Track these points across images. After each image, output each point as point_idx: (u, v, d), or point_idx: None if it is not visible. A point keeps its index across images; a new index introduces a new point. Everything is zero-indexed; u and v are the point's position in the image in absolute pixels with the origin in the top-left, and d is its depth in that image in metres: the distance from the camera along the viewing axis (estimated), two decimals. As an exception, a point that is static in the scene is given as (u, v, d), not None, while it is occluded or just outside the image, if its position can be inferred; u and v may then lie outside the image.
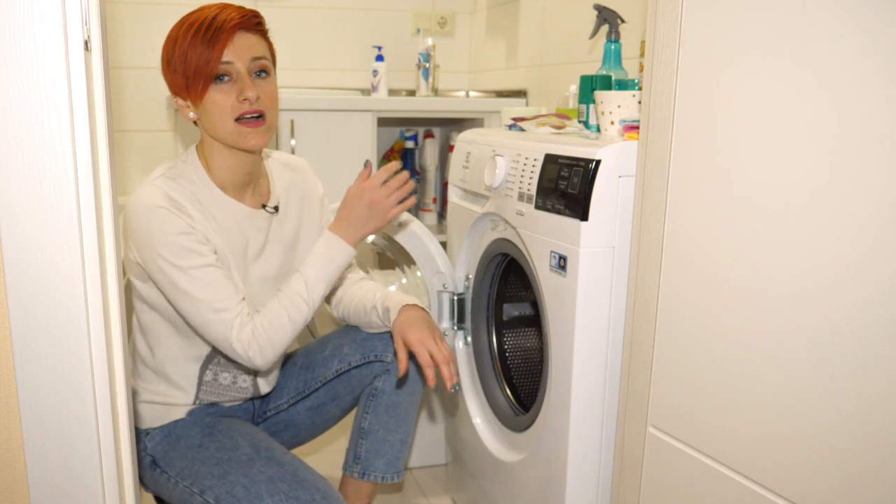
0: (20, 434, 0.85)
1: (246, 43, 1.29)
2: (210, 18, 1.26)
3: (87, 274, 0.83)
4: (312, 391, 1.55)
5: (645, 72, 1.12)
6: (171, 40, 1.28)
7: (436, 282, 1.73)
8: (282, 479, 1.27)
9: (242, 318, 1.29)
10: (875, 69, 0.79)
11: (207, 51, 1.25)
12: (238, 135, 1.29)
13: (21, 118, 0.78)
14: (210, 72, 1.26)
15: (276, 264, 1.43)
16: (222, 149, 1.33)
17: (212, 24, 1.25)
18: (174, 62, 1.27)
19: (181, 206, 1.27)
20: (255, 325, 1.29)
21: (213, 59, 1.25)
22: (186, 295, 1.26)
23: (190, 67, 1.25)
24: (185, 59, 1.25)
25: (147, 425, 1.40)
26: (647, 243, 1.13)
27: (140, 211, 1.25)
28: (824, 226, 0.85)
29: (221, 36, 1.25)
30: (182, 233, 1.25)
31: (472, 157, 1.62)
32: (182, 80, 1.27)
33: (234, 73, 1.28)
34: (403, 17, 2.87)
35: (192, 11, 1.30)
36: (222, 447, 1.34)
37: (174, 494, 1.35)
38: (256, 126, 1.30)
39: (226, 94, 1.27)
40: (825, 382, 0.87)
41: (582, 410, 1.28)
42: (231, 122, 1.28)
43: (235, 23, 1.27)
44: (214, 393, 1.42)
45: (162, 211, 1.24)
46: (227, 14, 1.27)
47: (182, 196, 1.29)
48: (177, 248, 1.25)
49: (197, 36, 1.25)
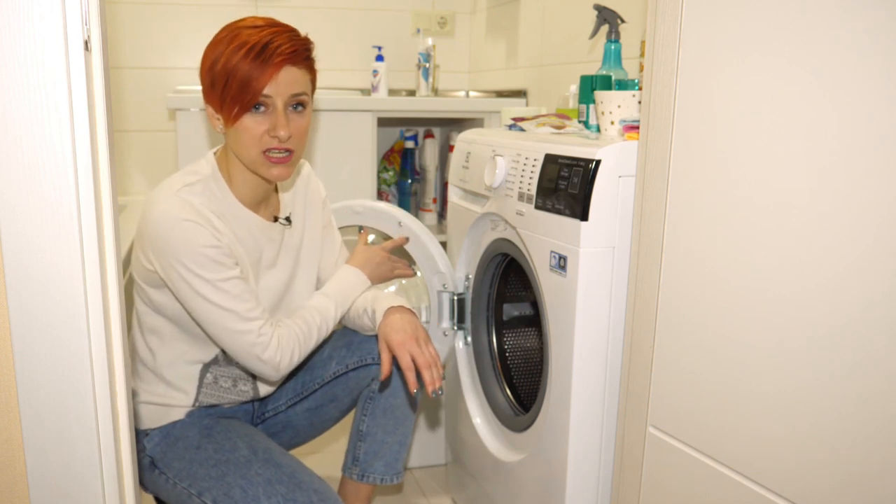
0: (20, 434, 0.85)
1: (290, 78, 1.26)
2: (262, 45, 1.22)
3: (87, 274, 0.83)
4: (310, 393, 1.55)
5: (645, 72, 1.12)
6: (217, 51, 1.25)
7: (436, 282, 1.73)
8: (279, 481, 1.27)
9: (267, 327, 1.31)
10: (875, 69, 0.79)
11: (250, 79, 1.22)
12: (262, 165, 1.29)
13: (21, 118, 0.78)
14: (249, 102, 1.24)
15: (286, 274, 1.44)
16: (244, 168, 1.33)
17: (262, 53, 1.22)
18: (215, 75, 1.25)
19: (208, 218, 1.27)
20: (283, 337, 1.34)
21: (254, 90, 1.23)
22: (214, 306, 1.26)
23: (230, 90, 1.23)
24: (227, 80, 1.23)
25: (146, 426, 1.39)
26: (647, 243, 1.13)
27: (166, 222, 1.23)
28: (824, 226, 0.85)
29: (268, 69, 1.23)
30: (210, 245, 1.25)
31: (471, 157, 1.62)
32: (218, 98, 1.25)
33: (272, 105, 1.26)
34: (403, 17, 2.86)
35: (244, 23, 1.26)
36: (220, 448, 1.34)
37: (172, 495, 1.35)
38: (282, 162, 1.29)
39: (258, 124, 1.26)
40: (825, 382, 0.87)
41: (582, 410, 1.28)
42: (257, 151, 1.27)
43: (285, 57, 1.24)
44: (214, 395, 1.42)
45: (189, 224, 1.23)
46: (279, 44, 1.23)
47: (207, 208, 1.28)
48: (205, 261, 1.24)
49: (245, 60, 1.22)
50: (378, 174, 2.69)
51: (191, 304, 1.28)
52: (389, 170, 2.80)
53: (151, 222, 1.25)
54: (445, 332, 1.75)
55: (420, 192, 2.81)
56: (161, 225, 1.24)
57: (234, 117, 1.25)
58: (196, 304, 1.27)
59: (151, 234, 1.25)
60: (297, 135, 1.29)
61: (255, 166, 1.30)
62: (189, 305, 1.29)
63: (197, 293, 1.25)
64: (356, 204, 1.76)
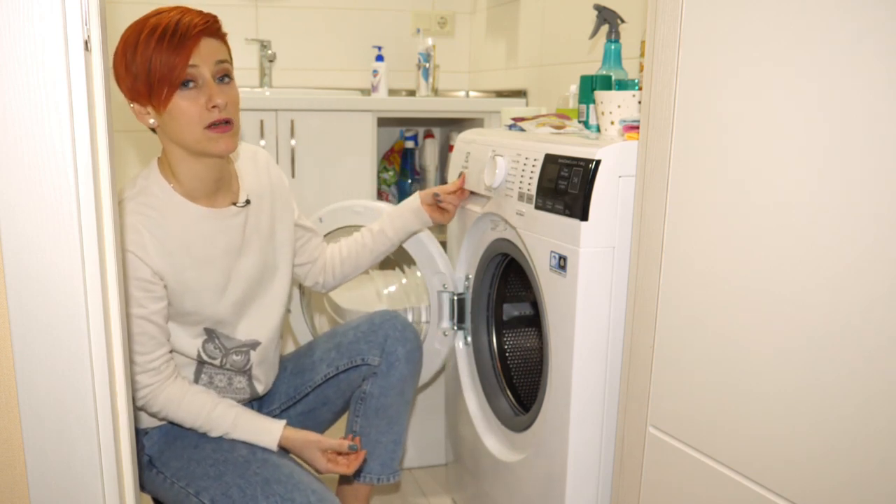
0: (20, 434, 0.85)
1: (210, 48, 1.26)
2: (174, 24, 1.22)
3: (87, 274, 0.83)
4: (303, 396, 1.55)
5: (645, 72, 1.12)
6: (129, 46, 1.24)
7: (436, 282, 1.73)
8: (277, 481, 1.27)
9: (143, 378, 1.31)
10: (875, 69, 0.79)
11: (173, 57, 1.22)
12: (207, 141, 1.27)
13: (21, 118, 0.78)
14: (176, 78, 1.22)
15: (256, 259, 1.42)
16: (188, 156, 1.30)
17: (176, 30, 1.22)
18: (135, 68, 1.23)
19: (139, 243, 1.27)
20: (158, 400, 1.33)
21: (179, 66, 1.22)
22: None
23: (154, 74, 1.22)
24: (149, 66, 1.22)
25: (145, 425, 1.40)
26: (647, 243, 1.13)
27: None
28: (824, 226, 0.85)
29: (187, 42, 1.22)
30: (135, 277, 1.26)
31: (471, 158, 1.62)
32: (144, 87, 1.23)
33: (200, 78, 1.25)
34: (403, 17, 2.86)
35: (146, 16, 1.26)
36: (219, 448, 1.34)
37: (170, 495, 1.35)
38: (225, 131, 1.28)
39: (192, 101, 1.25)
40: (825, 382, 0.87)
41: (582, 410, 1.28)
42: (200, 129, 1.26)
43: (200, 28, 1.24)
44: None
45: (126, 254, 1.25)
46: (191, 19, 1.24)
47: (143, 225, 1.28)
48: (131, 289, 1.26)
49: (162, 42, 1.21)
50: (378, 174, 2.69)
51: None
52: (389, 170, 2.80)
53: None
54: (445, 332, 1.75)
55: (420, 192, 2.81)
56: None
57: (164, 100, 1.23)
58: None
59: None
60: (233, 104, 1.29)
61: (201, 145, 1.27)
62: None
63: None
64: (356, 204, 1.76)
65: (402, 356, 1.51)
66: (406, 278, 1.85)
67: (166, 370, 1.33)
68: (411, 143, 2.80)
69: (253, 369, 1.45)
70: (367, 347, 1.50)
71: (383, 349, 1.50)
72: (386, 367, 1.49)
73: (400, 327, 1.53)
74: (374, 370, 1.50)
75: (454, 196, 1.61)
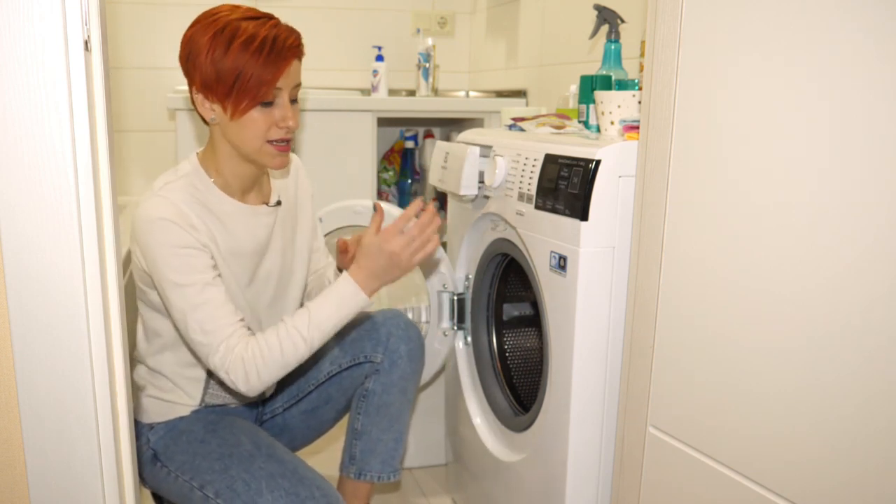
0: (20, 434, 0.85)
1: (295, 71, 1.28)
2: (271, 39, 1.23)
3: (87, 274, 0.83)
4: (305, 395, 1.55)
5: (645, 72, 1.12)
6: (219, 44, 1.23)
7: (436, 282, 1.73)
8: (282, 476, 1.28)
9: (230, 341, 1.24)
10: (875, 69, 0.79)
11: (265, 74, 1.23)
12: (266, 154, 1.29)
13: (21, 118, 0.78)
14: (262, 96, 1.24)
15: (278, 261, 1.43)
16: (237, 157, 1.32)
17: (273, 47, 1.23)
18: (220, 68, 1.23)
19: (185, 215, 1.26)
20: (248, 351, 1.24)
21: (268, 85, 1.24)
22: (180, 311, 1.24)
23: (241, 84, 1.23)
24: (238, 74, 1.22)
25: (151, 419, 1.40)
26: (647, 243, 1.13)
27: (143, 222, 1.24)
28: (824, 226, 0.85)
29: (280, 63, 1.24)
30: (182, 246, 1.24)
31: (450, 158, 1.61)
32: (224, 90, 1.24)
33: (280, 98, 1.27)
34: (403, 17, 2.86)
35: (235, 14, 1.25)
36: (224, 443, 1.34)
37: (173, 489, 1.35)
38: (285, 150, 1.31)
39: (265, 116, 1.26)
40: (825, 382, 0.87)
41: (582, 410, 1.28)
42: (262, 142, 1.28)
43: (294, 51, 1.26)
44: (220, 396, 1.43)
45: (164, 223, 1.23)
46: (286, 38, 1.25)
47: (187, 205, 1.28)
48: (176, 262, 1.23)
49: (257, 56, 1.22)
50: (378, 174, 2.69)
51: (167, 308, 1.28)
52: (389, 170, 2.80)
53: (135, 223, 1.26)
54: (445, 332, 1.75)
55: (420, 192, 2.81)
56: (141, 225, 1.25)
57: (241, 110, 1.25)
58: (169, 308, 1.27)
59: (136, 235, 1.27)
60: (297, 124, 1.32)
61: (258, 156, 1.30)
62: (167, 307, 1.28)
63: (167, 296, 1.25)
64: (356, 204, 1.76)
65: (405, 354, 1.51)
66: (406, 278, 1.85)
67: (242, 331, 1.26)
68: (411, 143, 2.80)
69: None
70: (369, 345, 1.51)
71: (386, 347, 1.50)
72: (388, 365, 1.49)
73: (402, 325, 1.53)
74: (377, 367, 1.50)
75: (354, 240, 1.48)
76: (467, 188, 1.55)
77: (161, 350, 1.39)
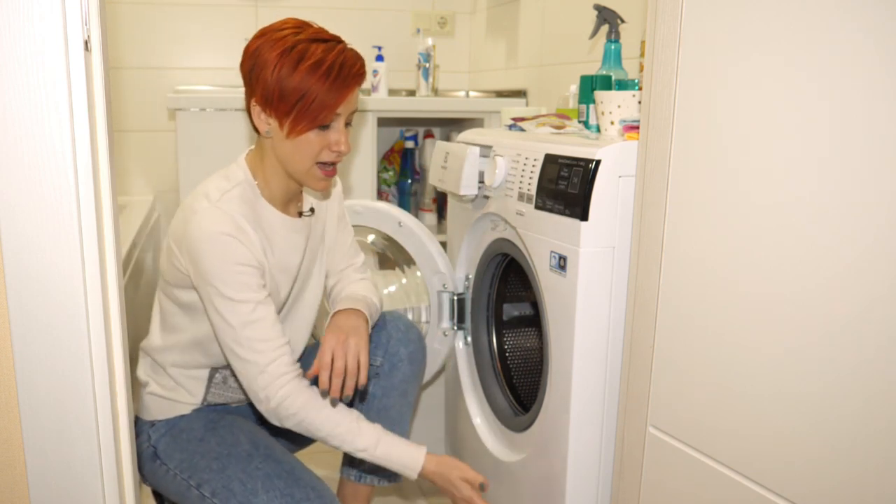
0: (20, 434, 0.85)
1: (355, 98, 1.29)
2: (338, 65, 1.23)
3: (87, 274, 0.83)
4: None
5: (645, 72, 1.12)
6: (288, 62, 1.23)
7: (436, 282, 1.73)
8: (278, 476, 1.28)
9: (278, 366, 1.25)
10: (875, 68, 0.79)
11: (328, 98, 1.23)
12: (312, 176, 1.30)
13: (21, 118, 0.78)
14: (321, 120, 1.24)
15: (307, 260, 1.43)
16: (282, 172, 1.32)
17: (339, 73, 1.23)
18: (287, 90, 1.23)
19: (244, 231, 1.26)
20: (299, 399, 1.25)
21: (330, 109, 1.24)
22: (228, 325, 1.24)
23: (303, 105, 1.23)
24: (302, 95, 1.22)
25: (153, 417, 1.40)
26: (647, 243, 1.13)
27: (202, 234, 1.23)
28: (824, 225, 0.85)
29: (344, 91, 1.24)
30: (240, 263, 1.24)
31: (450, 157, 1.61)
32: (286, 108, 1.24)
33: (336, 123, 1.27)
34: (403, 17, 2.86)
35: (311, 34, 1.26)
36: (223, 442, 1.34)
37: (171, 487, 1.35)
38: (332, 174, 1.31)
39: (320, 139, 1.27)
40: (825, 382, 0.87)
41: (582, 410, 1.28)
42: (311, 163, 1.28)
43: (358, 79, 1.26)
44: (222, 395, 1.43)
45: (225, 238, 1.23)
46: (352, 65, 1.25)
47: (244, 218, 1.27)
48: (232, 279, 1.23)
49: (324, 81, 1.22)
50: (378, 174, 2.68)
51: (211, 319, 1.28)
52: (389, 170, 2.80)
53: (189, 232, 1.24)
54: (445, 332, 1.75)
55: (420, 192, 2.81)
56: (198, 237, 1.23)
57: (298, 131, 1.25)
58: (213, 321, 1.27)
59: (189, 243, 1.24)
60: (349, 149, 1.32)
61: (303, 176, 1.30)
62: (210, 319, 1.28)
63: (217, 311, 1.25)
64: (356, 204, 1.76)
65: (405, 357, 1.50)
66: (406, 278, 1.85)
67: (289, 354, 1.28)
68: (411, 143, 2.80)
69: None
70: (370, 348, 1.50)
71: (386, 350, 1.50)
72: (388, 368, 1.49)
73: (403, 328, 1.52)
74: (377, 371, 1.50)
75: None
76: (467, 188, 1.55)
77: (173, 347, 1.38)
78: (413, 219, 1.74)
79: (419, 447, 1.33)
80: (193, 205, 1.26)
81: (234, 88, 2.58)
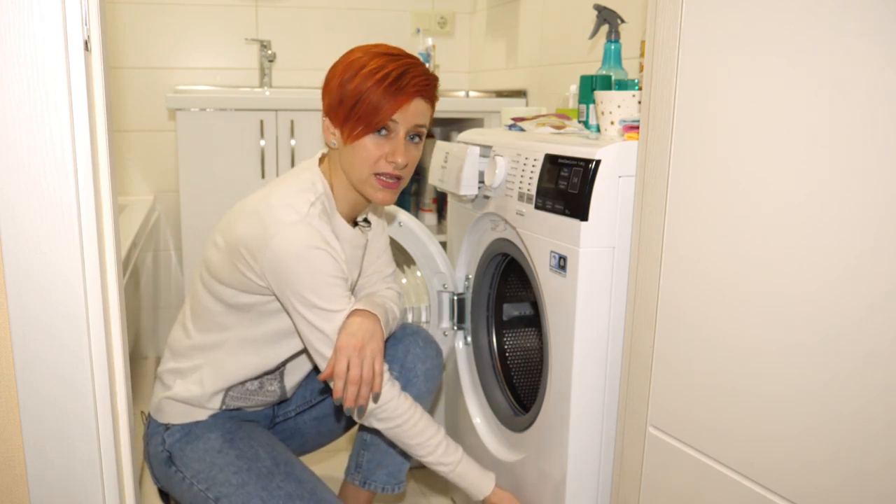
0: (20, 434, 0.85)
1: (418, 109, 1.29)
2: (398, 74, 1.25)
3: (87, 274, 0.83)
4: (319, 401, 1.55)
5: (645, 72, 1.12)
6: (350, 70, 1.27)
7: (436, 282, 1.73)
8: (300, 497, 1.28)
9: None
10: (875, 68, 0.79)
11: (382, 104, 1.24)
12: (370, 186, 1.30)
13: (21, 118, 0.78)
14: (375, 124, 1.25)
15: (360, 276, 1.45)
16: (347, 184, 1.34)
17: (397, 81, 1.25)
18: (346, 94, 1.26)
19: (333, 245, 1.27)
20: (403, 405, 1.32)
21: (383, 115, 1.25)
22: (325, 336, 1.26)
23: (358, 110, 1.25)
24: (358, 100, 1.25)
25: (168, 420, 1.39)
26: (647, 243, 1.13)
27: (297, 249, 1.23)
28: (825, 226, 0.85)
29: (400, 98, 1.25)
30: (332, 275, 1.25)
31: (450, 158, 1.61)
32: (343, 114, 1.27)
33: (394, 131, 1.28)
34: (403, 17, 2.86)
35: (383, 49, 1.29)
36: (242, 455, 1.33)
37: (187, 495, 1.35)
38: (391, 186, 1.31)
39: (377, 147, 1.27)
40: (826, 382, 0.87)
41: (582, 410, 1.28)
42: (369, 172, 1.29)
43: (419, 89, 1.27)
44: (241, 399, 1.42)
45: (318, 252, 1.24)
46: (415, 76, 1.27)
47: (328, 231, 1.29)
48: (325, 291, 1.25)
49: (380, 85, 1.24)
50: (378, 174, 2.69)
51: (300, 328, 1.29)
52: (389, 170, 2.80)
53: (278, 245, 1.23)
54: (445, 332, 1.75)
55: (420, 192, 2.81)
56: (288, 250, 1.23)
57: (355, 136, 1.27)
58: (303, 329, 1.28)
59: (276, 255, 1.24)
60: (411, 164, 1.32)
61: (362, 186, 1.31)
62: (298, 328, 1.30)
63: (307, 317, 1.26)
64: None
65: (421, 373, 1.49)
66: (406, 278, 1.85)
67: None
68: (411, 143, 2.80)
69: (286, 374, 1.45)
70: (387, 360, 1.48)
71: (402, 364, 1.48)
72: (403, 383, 1.46)
73: (422, 343, 1.50)
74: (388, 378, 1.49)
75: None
76: (467, 188, 1.55)
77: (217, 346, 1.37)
78: (413, 219, 1.74)
79: (489, 475, 1.42)
80: (279, 216, 1.25)
81: (235, 88, 2.59)
